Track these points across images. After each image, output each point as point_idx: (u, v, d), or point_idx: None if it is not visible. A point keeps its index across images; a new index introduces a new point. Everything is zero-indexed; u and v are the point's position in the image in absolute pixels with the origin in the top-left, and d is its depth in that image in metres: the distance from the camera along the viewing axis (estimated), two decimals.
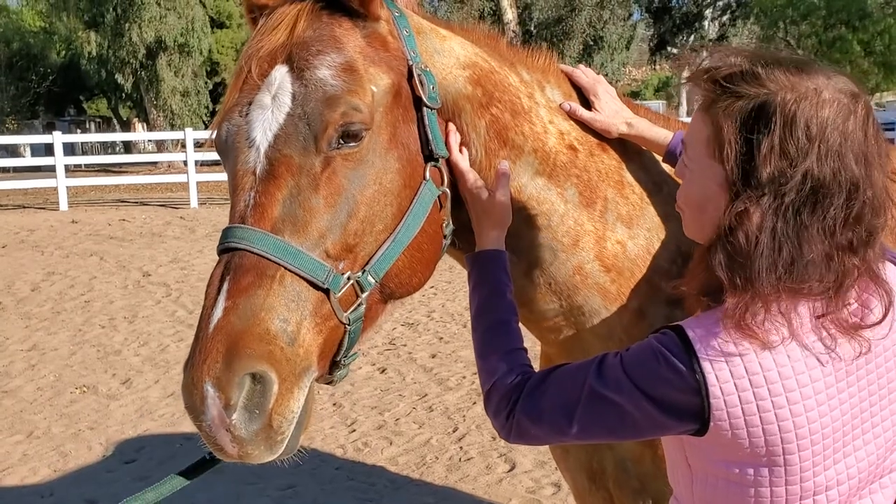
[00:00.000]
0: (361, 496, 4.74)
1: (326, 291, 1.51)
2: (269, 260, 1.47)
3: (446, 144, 1.76)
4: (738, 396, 1.30)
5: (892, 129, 22.41)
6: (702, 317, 1.38)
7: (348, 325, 1.55)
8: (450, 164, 1.77)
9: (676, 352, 1.33)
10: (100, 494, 4.83)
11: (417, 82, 1.67)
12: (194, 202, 19.44)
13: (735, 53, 1.42)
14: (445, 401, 6.16)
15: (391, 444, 5.45)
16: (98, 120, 51.95)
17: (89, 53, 34.34)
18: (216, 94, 36.91)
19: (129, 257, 12.56)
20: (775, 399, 1.30)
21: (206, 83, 35.95)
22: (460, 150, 1.79)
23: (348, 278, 1.54)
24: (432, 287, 9.50)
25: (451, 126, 1.78)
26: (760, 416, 1.30)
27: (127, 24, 32.04)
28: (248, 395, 1.41)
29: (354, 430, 5.68)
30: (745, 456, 1.33)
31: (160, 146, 34.22)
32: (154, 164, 31.31)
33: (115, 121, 47.47)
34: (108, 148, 42.12)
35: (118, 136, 31.94)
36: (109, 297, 9.84)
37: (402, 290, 1.68)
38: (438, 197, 1.71)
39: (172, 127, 32.77)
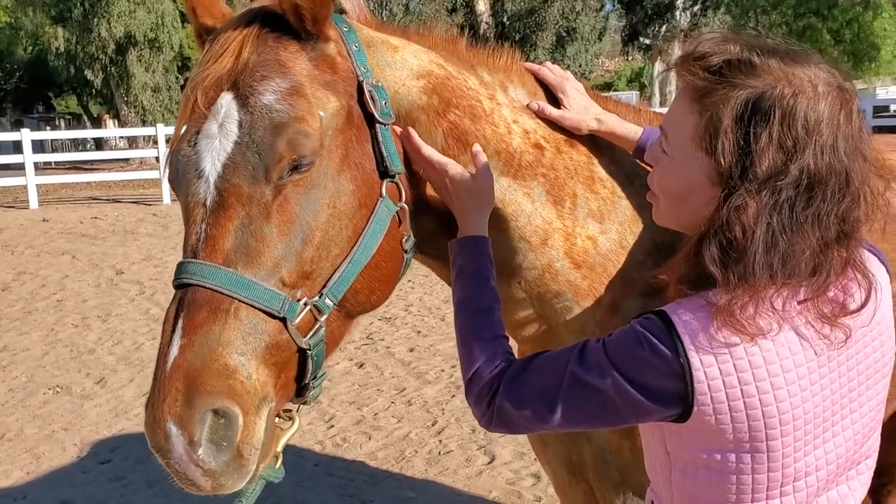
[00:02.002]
0: (341, 492, 4.72)
1: (283, 320, 1.49)
2: (223, 294, 1.45)
3: (411, 142, 1.74)
4: (723, 381, 1.30)
5: None
6: (683, 302, 1.37)
7: (310, 349, 1.54)
8: (424, 162, 1.74)
9: (660, 336, 1.33)
10: (74, 496, 4.76)
11: (368, 99, 1.64)
12: (167, 198, 19.25)
13: (728, 40, 1.39)
14: (424, 394, 6.16)
15: (370, 438, 5.44)
16: (68, 117, 51.21)
17: (57, 49, 33.81)
18: None
19: (101, 255, 12.40)
20: (759, 384, 1.30)
21: (177, 78, 35.57)
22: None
23: (305, 304, 1.52)
24: (409, 281, 9.48)
25: (410, 130, 1.75)
26: (744, 402, 1.30)
27: (95, 20, 31.62)
28: (211, 429, 1.40)
29: (333, 426, 5.66)
30: (727, 443, 1.33)
31: (131, 142, 33.78)
32: (126, 160, 30.86)
33: (85, 117, 46.84)
34: (78, 145, 41.52)
35: (88, 133, 31.31)
36: (82, 296, 9.72)
37: (360, 308, 1.67)
38: (397, 212, 1.68)
39: (144, 123, 32.39)
